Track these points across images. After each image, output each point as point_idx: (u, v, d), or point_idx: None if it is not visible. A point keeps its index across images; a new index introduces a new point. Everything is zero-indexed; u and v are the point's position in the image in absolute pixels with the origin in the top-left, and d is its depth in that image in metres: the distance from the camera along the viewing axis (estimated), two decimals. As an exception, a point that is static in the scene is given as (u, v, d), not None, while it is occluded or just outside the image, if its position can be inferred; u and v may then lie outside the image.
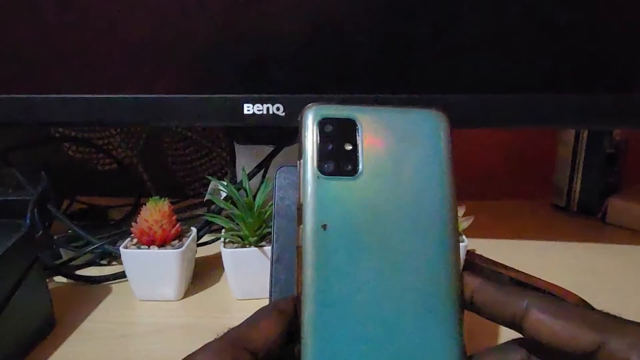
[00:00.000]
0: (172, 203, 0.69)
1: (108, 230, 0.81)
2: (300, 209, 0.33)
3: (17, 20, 0.65)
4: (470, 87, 0.61)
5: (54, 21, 0.64)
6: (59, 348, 0.58)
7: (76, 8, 0.64)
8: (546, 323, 0.28)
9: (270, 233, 0.62)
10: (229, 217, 0.68)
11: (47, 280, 0.71)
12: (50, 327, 0.61)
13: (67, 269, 0.73)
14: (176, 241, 0.67)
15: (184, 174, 1.14)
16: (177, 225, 0.68)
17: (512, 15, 0.59)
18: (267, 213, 0.65)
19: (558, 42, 0.59)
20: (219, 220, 0.68)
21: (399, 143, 0.34)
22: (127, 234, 0.69)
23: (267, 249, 0.64)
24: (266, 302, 0.38)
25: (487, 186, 1.08)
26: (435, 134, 0.34)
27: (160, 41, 0.64)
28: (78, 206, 0.97)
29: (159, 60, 0.65)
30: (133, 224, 0.67)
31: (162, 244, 0.66)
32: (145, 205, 0.67)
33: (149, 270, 0.65)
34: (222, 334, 0.30)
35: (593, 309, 0.50)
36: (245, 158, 0.85)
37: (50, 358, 0.56)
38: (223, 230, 0.69)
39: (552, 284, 0.61)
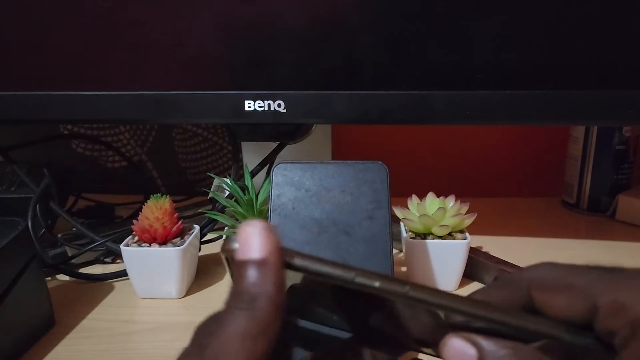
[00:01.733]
0: (181, 200, 0.69)
1: (114, 228, 0.81)
2: None
3: (23, 18, 0.65)
4: (476, 84, 0.60)
5: (61, 18, 0.64)
6: (57, 346, 0.58)
7: (80, 6, 0.64)
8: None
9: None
10: (233, 215, 0.67)
11: (49, 278, 0.72)
12: (49, 325, 0.61)
13: (69, 267, 0.73)
14: (178, 239, 0.67)
15: (194, 171, 1.14)
16: (179, 222, 0.68)
17: (519, 10, 0.58)
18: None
19: (566, 37, 0.59)
20: (221, 218, 0.68)
21: None
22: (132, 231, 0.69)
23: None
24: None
25: (497, 183, 1.08)
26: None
27: (162, 38, 0.64)
28: (85, 204, 0.97)
29: (160, 58, 0.65)
30: (134, 221, 0.66)
31: (163, 242, 0.66)
32: (146, 202, 0.67)
33: (150, 268, 0.65)
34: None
35: None
36: (251, 155, 0.85)
37: (48, 356, 0.56)
38: (226, 228, 0.68)
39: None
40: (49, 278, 0.72)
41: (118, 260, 0.78)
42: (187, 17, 0.63)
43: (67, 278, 0.72)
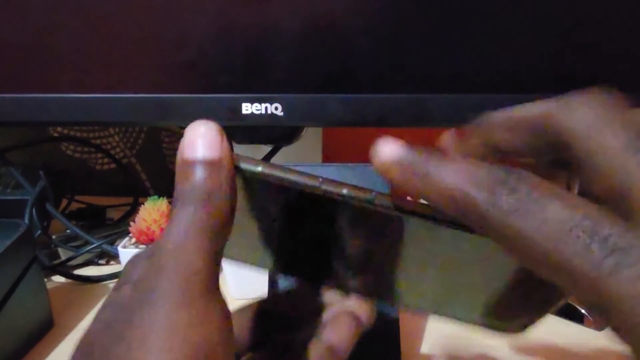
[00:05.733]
0: (170, 202, 0.69)
1: (106, 230, 0.81)
2: None
3: (13, 18, 0.65)
4: (474, 87, 0.61)
5: (51, 19, 0.64)
6: (57, 348, 0.58)
7: (73, 6, 0.64)
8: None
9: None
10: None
11: (45, 280, 0.71)
12: (48, 327, 0.61)
13: (65, 269, 0.73)
14: (175, 241, 0.67)
15: (182, 174, 1.14)
16: (176, 224, 0.68)
17: (510, 14, 0.59)
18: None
19: (554, 40, 0.59)
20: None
21: None
22: (125, 233, 0.69)
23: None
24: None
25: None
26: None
27: (158, 40, 0.64)
28: (76, 206, 0.97)
29: (156, 60, 0.65)
30: (132, 223, 0.67)
31: (160, 244, 0.66)
32: (143, 205, 0.67)
33: (147, 270, 0.65)
34: None
35: None
36: (243, 157, 0.85)
37: (48, 358, 0.56)
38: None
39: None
40: (45, 279, 0.72)
41: (111, 262, 0.78)
42: (185, 19, 0.63)
43: (62, 280, 0.72)
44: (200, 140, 0.28)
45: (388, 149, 0.29)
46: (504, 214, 0.22)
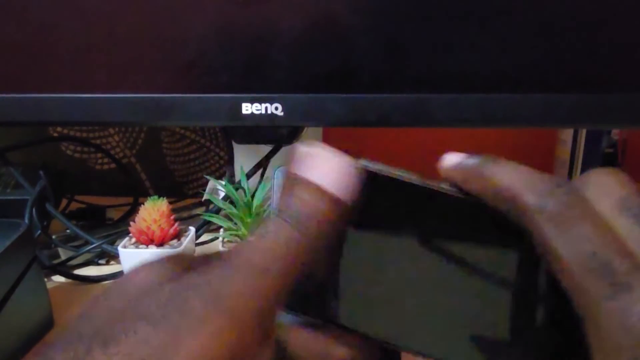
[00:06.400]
0: (170, 202, 0.69)
1: (106, 230, 0.81)
2: None
3: (13, 19, 0.65)
4: (467, 87, 0.61)
5: (51, 19, 0.64)
6: (58, 348, 0.58)
7: (73, 6, 0.64)
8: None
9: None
10: (228, 217, 0.67)
11: (45, 280, 0.71)
12: (48, 327, 0.61)
13: (65, 269, 0.73)
14: (174, 241, 0.67)
15: (182, 174, 1.14)
16: (176, 225, 0.68)
17: (509, 14, 0.59)
18: (266, 212, 0.65)
19: (555, 40, 0.59)
20: (218, 220, 0.68)
21: None
22: (125, 233, 0.69)
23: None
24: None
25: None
26: None
27: (158, 40, 0.64)
28: (76, 205, 0.97)
29: (156, 60, 0.65)
30: (131, 223, 0.67)
31: (160, 244, 0.66)
32: (143, 204, 0.67)
33: (148, 270, 0.65)
34: None
35: None
36: (244, 157, 0.85)
37: (48, 358, 0.56)
38: (222, 230, 0.68)
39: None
40: (45, 279, 0.72)
41: (111, 262, 0.78)
42: (185, 20, 0.63)
43: (62, 279, 0.72)
44: (332, 173, 0.29)
45: (452, 157, 0.31)
46: (545, 220, 0.24)
